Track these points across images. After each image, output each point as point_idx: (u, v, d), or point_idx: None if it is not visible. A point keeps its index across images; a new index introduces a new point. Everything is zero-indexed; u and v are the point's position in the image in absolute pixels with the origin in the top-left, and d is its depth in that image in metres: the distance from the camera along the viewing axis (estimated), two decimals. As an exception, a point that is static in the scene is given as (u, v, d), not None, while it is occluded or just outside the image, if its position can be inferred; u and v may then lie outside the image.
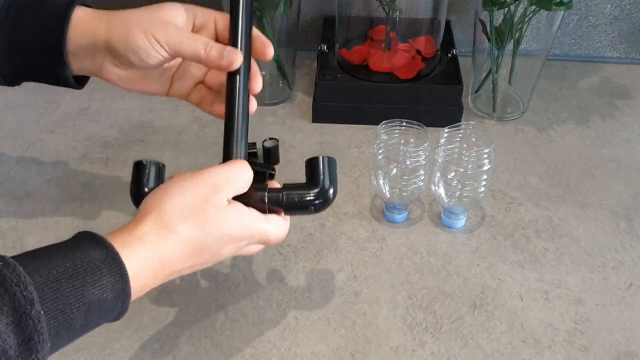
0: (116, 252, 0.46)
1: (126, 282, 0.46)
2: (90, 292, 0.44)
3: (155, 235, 0.49)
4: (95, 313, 0.45)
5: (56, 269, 0.43)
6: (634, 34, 1.07)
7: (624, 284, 0.71)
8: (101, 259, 0.45)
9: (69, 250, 0.45)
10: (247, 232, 0.54)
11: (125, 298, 0.47)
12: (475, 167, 0.71)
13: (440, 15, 0.95)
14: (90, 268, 0.44)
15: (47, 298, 0.42)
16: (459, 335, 0.65)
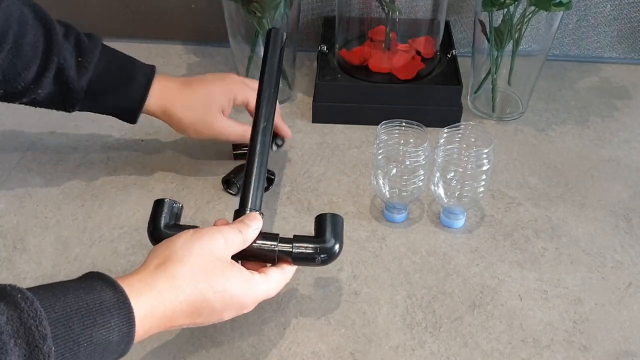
0: (127, 296, 0.48)
1: (132, 327, 0.48)
2: (98, 332, 0.46)
3: (163, 284, 0.51)
4: (99, 353, 0.46)
5: (70, 307, 0.45)
6: (633, 35, 1.08)
7: (623, 283, 0.71)
8: (112, 302, 0.47)
9: (82, 289, 0.47)
10: (251, 299, 0.57)
11: (128, 341, 0.49)
12: (474, 167, 0.71)
13: (440, 15, 0.95)
14: (101, 310, 0.46)
15: (59, 335, 0.43)
16: (458, 334, 0.65)
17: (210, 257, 0.54)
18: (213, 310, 0.54)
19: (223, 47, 1.07)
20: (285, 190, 0.83)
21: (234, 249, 0.58)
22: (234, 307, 0.56)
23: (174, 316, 0.52)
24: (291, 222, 0.78)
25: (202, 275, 0.53)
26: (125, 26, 1.14)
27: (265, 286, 0.58)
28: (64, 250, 0.74)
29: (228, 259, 0.56)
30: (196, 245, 0.54)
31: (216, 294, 0.53)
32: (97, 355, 0.46)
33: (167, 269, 0.52)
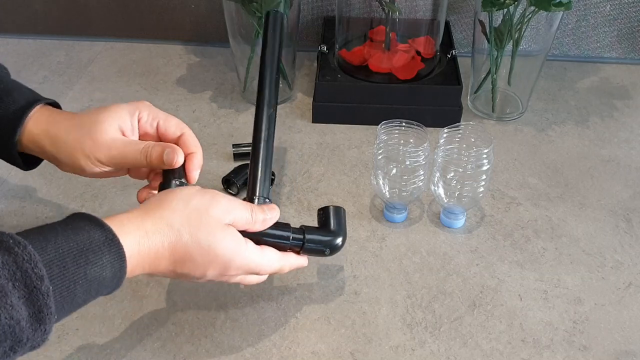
0: (115, 234, 0.49)
1: (123, 262, 0.49)
2: (92, 270, 0.47)
3: (150, 225, 0.52)
4: (94, 289, 0.48)
5: (62, 248, 0.46)
6: (632, 35, 1.08)
7: (623, 283, 0.71)
8: (102, 240, 0.48)
9: (71, 231, 0.48)
10: (237, 264, 0.56)
11: (121, 276, 0.50)
12: (474, 167, 0.71)
13: (440, 15, 0.95)
14: (92, 248, 0.47)
15: (55, 275, 0.45)
16: (458, 334, 0.65)
17: (204, 213, 0.54)
18: (195, 264, 0.54)
19: (223, 47, 1.07)
20: (285, 190, 0.83)
21: (239, 224, 0.57)
22: (217, 266, 0.55)
23: (158, 259, 0.52)
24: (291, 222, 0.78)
25: (190, 227, 0.53)
26: (125, 26, 1.14)
27: (258, 258, 0.58)
28: (64, 250, 0.74)
29: (223, 222, 0.55)
30: (194, 200, 0.55)
31: (201, 249, 0.53)
32: (93, 291, 0.48)
33: (157, 213, 0.53)
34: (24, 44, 1.15)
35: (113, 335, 0.65)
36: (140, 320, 0.67)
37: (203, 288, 0.70)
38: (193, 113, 0.97)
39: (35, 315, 0.43)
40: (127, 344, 0.65)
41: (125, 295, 0.69)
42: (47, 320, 0.44)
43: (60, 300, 0.45)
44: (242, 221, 0.57)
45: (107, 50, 1.13)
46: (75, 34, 1.15)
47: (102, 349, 0.64)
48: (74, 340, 0.65)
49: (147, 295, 0.69)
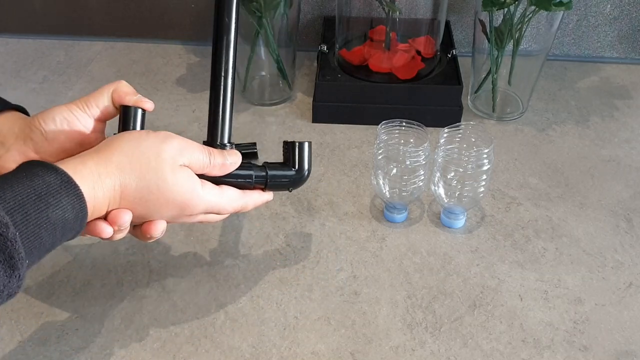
0: (69, 176, 0.49)
1: (82, 202, 0.49)
2: (53, 213, 0.47)
3: (103, 168, 0.52)
4: (59, 231, 0.48)
5: (20, 195, 0.46)
6: (633, 34, 1.08)
7: (624, 283, 0.71)
8: (57, 183, 0.48)
9: (26, 177, 0.48)
10: (191, 202, 0.56)
11: (83, 216, 0.50)
12: (474, 167, 0.71)
13: (440, 15, 0.95)
14: (50, 192, 0.48)
15: (18, 222, 0.45)
16: (458, 335, 0.65)
17: (155, 156, 0.54)
18: (148, 206, 0.54)
19: (223, 47, 1.07)
20: (285, 190, 0.83)
21: (195, 166, 0.56)
22: (173, 208, 0.55)
23: (113, 201, 0.53)
24: (291, 222, 0.78)
25: (139, 170, 0.53)
26: (125, 26, 1.14)
27: (216, 198, 0.57)
28: (63, 251, 0.74)
29: (177, 164, 0.55)
30: (145, 142, 0.54)
31: (150, 192, 0.53)
32: (58, 234, 0.48)
33: (108, 156, 0.53)
34: (24, 44, 1.15)
35: (112, 336, 0.65)
36: (140, 320, 0.67)
37: (203, 288, 0.70)
38: (193, 113, 0.97)
39: (7, 262, 0.44)
40: (127, 344, 0.65)
41: (125, 295, 0.69)
42: (20, 266, 0.45)
43: (28, 245, 0.45)
44: (198, 164, 0.56)
45: (107, 50, 1.13)
46: (75, 34, 1.15)
47: (102, 349, 0.64)
48: (74, 340, 0.65)
49: (147, 295, 0.69)
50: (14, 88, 1.02)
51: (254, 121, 0.95)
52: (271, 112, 0.97)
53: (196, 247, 0.75)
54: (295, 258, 0.74)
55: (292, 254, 0.74)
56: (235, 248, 0.75)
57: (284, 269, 0.72)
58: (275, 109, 0.98)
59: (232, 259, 0.73)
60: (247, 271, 0.72)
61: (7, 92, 0.99)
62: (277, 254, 0.74)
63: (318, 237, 0.76)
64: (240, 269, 0.72)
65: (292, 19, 0.95)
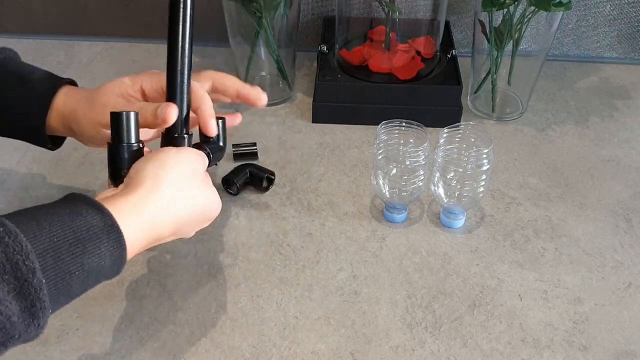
0: (114, 219, 0.47)
1: (123, 250, 0.47)
2: (89, 259, 0.45)
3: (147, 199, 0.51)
4: (92, 279, 0.46)
5: (56, 237, 0.44)
6: (633, 35, 1.08)
7: (623, 283, 0.71)
8: (100, 227, 0.46)
9: (67, 215, 0.45)
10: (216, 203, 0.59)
11: (121, 263, 0.48)
12: (474, 167, 0.71)
13: (440, 15, 0.95)
14: (89, 236, 0.45)
15: (48, 267, 0.42)
16: (458, 334, 0.65)
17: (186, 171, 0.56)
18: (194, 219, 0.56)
19: (223, 47, 1.07)
20: (285, 190, 0.83)
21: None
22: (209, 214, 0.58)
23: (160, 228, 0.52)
24: (291, 222, 0.78)
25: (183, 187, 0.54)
26: (125, 26, 1.14)
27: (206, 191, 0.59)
28: (64, 250, 0.74)
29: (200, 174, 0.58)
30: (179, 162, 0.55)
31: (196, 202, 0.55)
32: (91, 281, 0.46)
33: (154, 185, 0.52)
34: (24, 44, 1.15)
35: (113, 335, 0.65)
36: (140, 320, 0.67)
37: (203, 288, 0.70)
38: (193, 113, 0.97)
39: (28, 310, 0.41)
40: (127, 344, 0.65)
41: (125, 295, 0.69)
42: (41, 315, 0.42)
43: (54, 292, 0.43)
44: None
45: (107, 50, 1.13)
46: (75, 34, 1.15)
47: (102, 349, 0.64)
48: (74, 340, 0.65)
49: (147, 295, 0.69)
50: (14, 88, 1.02)
51: (254, 121, 0.95)
52: (271, 112, 0.97)
53: (196, 247, 0.75)
54: (295, 258, 0.74)
55: (292, 254, 0.74)
56: (235, 248, 0.75)
57: (284, 269, 0.72)
58: (275, 109, 0.98)
59: (232, 259, 0.73)
60: (247, 271, 0.72)
61: (7, 92, 0.99)
62: (277, 254, 0.74)
63: (318, 237, 0.76)
64: (240, 269, 0.72)
65: (292, 19, 0.95)
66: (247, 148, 0.87)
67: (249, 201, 0.81)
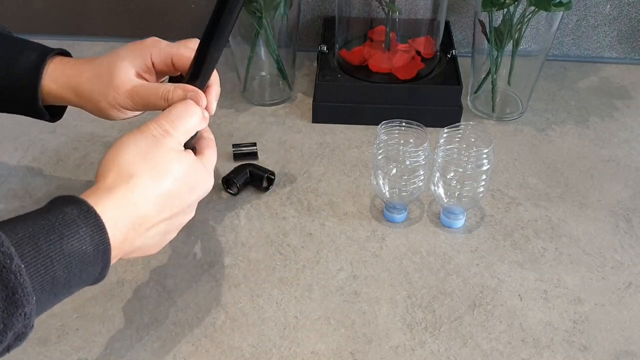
0: (90, 205, 0.47)
1: (104, 234, 0.47)
2: (68, 244, 0.44)
3: (123, 186, 0.50)
4: (76, 266, 0.45)
5: (32, 226, 0.44)
6: (633, 35, 1.08)
7: (623, 283, 0.71)
8: (75, 214, 0.46)
9: (43, 210, 0.46)
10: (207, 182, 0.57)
11: (105, 250, 0.47)
12: (474, 167, 0.71)
13: (440, 15, 0.95)
14: (66, 222, 0.45)
15: (26, 253, 0.42)
16: (458, 334, 0.65)
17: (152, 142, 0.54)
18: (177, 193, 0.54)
19: (223, 47, 1.07)
20: (285, 190, 0.83)
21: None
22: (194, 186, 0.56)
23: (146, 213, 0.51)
24: (291, 222, 0.78)
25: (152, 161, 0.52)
26: (125, 26, 1.14)
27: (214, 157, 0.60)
28: (64, 250, 0.74)
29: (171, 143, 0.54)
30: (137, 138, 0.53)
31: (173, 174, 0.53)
32: (75, 269, 0.45)
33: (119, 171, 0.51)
34: (24, 44, 1.15)
35: (113, 335, 0.65)
36: (140, 320, 0.67)
37: (203, 288, 0.70)
38: (193, 113, 0.97)
39: (10, 298, 0.40)
40: (127, 344, 0.65)
41: (125, 295, 0.69)
42: (25, 302, 0.41)
43: (38, 279, 0.42)
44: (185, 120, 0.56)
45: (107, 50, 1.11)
46: (75, 34, 1.15)
47: (102, 348, 0.64)
48: (74, 340, 0.65)
49: (147, 296, 0.69)
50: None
51: (254, 121, 0.95)
52: (271, 112, 0.97)
53: (196, 247, 0.75)
54: (295, 258, 0.74)
55: (292, 254, 0.74)
56: (235, 248, 0.75)
57: (284, 269, 0.72)
58: (275, 109, 0.98)
59: (232, 259, 0.73)
60: (247, 271, 0.72)
61: (7, 92, 0.99)
62: (277, 254, 0.74)
63: (318, 237, 0.76)
64: (240, 269, 0.72)
65: (292, 19, 0.95)
66: (247, 148, 0.87)
67: (249, 201, 0.81)
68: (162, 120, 0.55)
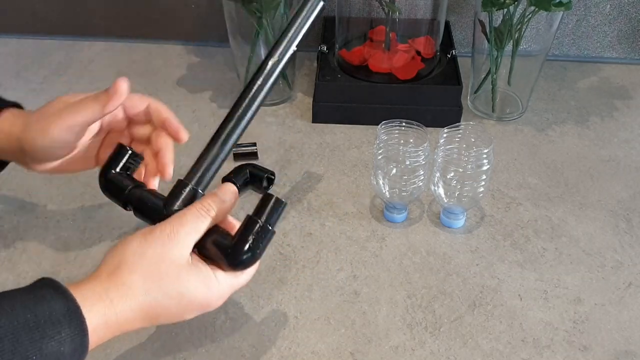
0: (78, 306, 0.47)
1: (85, 337, 0.47)
2: (48, 344, 0.44)
3: (114, 293, 0.49)
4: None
5: (17, 319, 0.44)
6: (632, 35, 1.08)
7: (623, 283, 0.71)
8: (62, 312, 0.46)
9: (31, 299, 0.46)
10: (213, 298, 0.53)
11: (82, 351, 0.47)
12: (474, 167, 0.71)
13: (440, 15, 0.95)
14: (51, 320, 0.45)
15: (6, 350, 0.42)
16: (458, 334, 0.65)
17: (163, 261, 0.51)
18: (170, 314, 0.52)
19: (223, 47, 1.07)
20: (285, 190, 0.83)
21: (200, 235, 0.53)
22: (194, 308, 0.53)
23: (128, 323, 0.50)
24: (291, 222, 0.78)
25: (155, 282, 0.50)
26: (125, 26, 1.14)
27: (231, 281, 0.54)
28: (63, 251, 0.74)
29: (183, 261, 0.52)
30: (148, 251, 0.51)
31: (171, 299, 0.51)
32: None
33: (118, 277, 0.50)
34: (24, 44, 1.15)
35: (113, 335, 0.65)
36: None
37: (203, 288, 0.70)
38: (193, 113, 0.97)
39: None
40: (127, 344, 0.65)
41: (125, 295, 0.69)
42: None
43: None
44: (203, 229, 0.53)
45: (107, 50, 1.13)
46: (75, 34, 1.15)
47: (102, 348, 0.64)
48: (74, 340, 0.65)
49: (147, 295, 0.69)
50: (14, 88, 1.02)
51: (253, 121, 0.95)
52: (271, 112, 0.97)
53: (196, 247, 0.75)
54: (295, 258, 0.74)
55: (292, 254, 0.74)
56: (235, 248, 0.75)
57: (284, 269, 0.72)
58: (275, 109, 0.98)
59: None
60: (247, 271, 0.72)
61: (7, 92, 0.99)
62: (277, 254, 0.74)
63: (318, 237, 0.76)
64: (240, 268, 0.72)
65: (292, 19, 0.95)
66: (247, 148, 0.87)
67: (249, 201, 0.81)
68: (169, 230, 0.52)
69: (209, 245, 0.54)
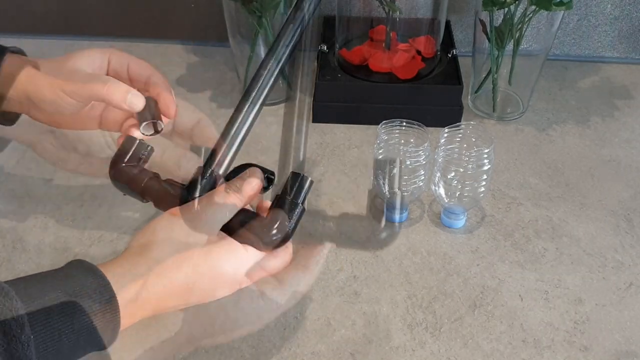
0: (108, 281, 0.47)
1: (116, 313, 0.47)
2: (80, 319, 0.44)
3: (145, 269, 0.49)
4: (83, 340, 0.45)
5: (48, 295, 0.44)
6: (633, 34, 1.07)
7: (624, 283, 0.71)
8: (92, 288, 0.46)
9: (61, 278, 0.46)
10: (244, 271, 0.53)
11: (114, 327, 0.47)
12: (475, 167, 0.71)
13: (440, 15, 0.95)
14: (81, 295, 0.45)
15: (38, 324, 0.42)
16: (458, 335, 0.65)
17: (192, 237, 0.51)
18: (203, 290, 0.51)
19: (223, 47, 1.07)
20: (286, 190, 0.83)
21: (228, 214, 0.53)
22: (225, 283, 0.52)
23: (161, 301, 0.50)
24: (291, 222, 0.78)
25: (185, 257, 0.50)
26: (125, 26, 1.14)
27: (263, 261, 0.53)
28: (63, 250, 0.74)
29: (213, 236, 0.52)
30: (177, 228, 0.51)
31: (203, 275, 0.50)
32: (82, 342, 0.45)
33: (148, 254, 0.50)
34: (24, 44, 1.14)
35: (113, 336, 0.65)
36: (140, 320, 0.67)
37: (203, 288, 0.70)
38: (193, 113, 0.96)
39: None
40: (127, 344, 0.64)
41: (125, 296, 0.69)
42: None
43: (43, 351, 0.42)
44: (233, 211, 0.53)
45: (107, 50, 1.13)
46: (75, 34, 1.15)
47: (102, 349, 0.64)
48: (73, 340, 0.65)
49: (146, 296, 0.69)
50: (14, 88, 1.02)
51: (254, 121, 0.95)
52: (271, 112, 0.97)
53: (196, 247, 0.75)
54: (295, 258, 0.73)
55: (292, 254, 0.74)
56: (235, 248, 0.75)
57: (284, 269, 0.72)
58: (276, 109, 0.98)
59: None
60: (247, 271, 0.72)
61: (7, 92, 0.99)
62: (277, 254, 0.74)
63: (318, 237, 0.76)
64: (240, 269, 0.72)
65: (292, 19, 0.95)
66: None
67: (249, 201, 0.81)
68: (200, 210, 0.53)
69: (239, 226, 0.54)
